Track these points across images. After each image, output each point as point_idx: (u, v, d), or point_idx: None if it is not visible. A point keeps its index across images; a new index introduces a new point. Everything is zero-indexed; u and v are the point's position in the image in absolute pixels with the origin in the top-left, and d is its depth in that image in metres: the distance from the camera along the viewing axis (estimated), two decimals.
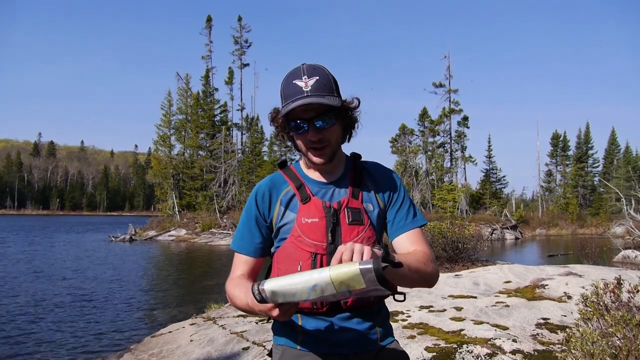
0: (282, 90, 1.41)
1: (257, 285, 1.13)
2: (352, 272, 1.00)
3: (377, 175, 1.55)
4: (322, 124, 1.39)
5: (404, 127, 46.88)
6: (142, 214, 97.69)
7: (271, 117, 1.50)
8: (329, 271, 1.03)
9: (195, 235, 32.68)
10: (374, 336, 1.46)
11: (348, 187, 1.49)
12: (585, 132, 53.83)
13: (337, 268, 1.03)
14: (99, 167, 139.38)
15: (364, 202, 1.47)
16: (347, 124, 1.49)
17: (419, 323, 5.13)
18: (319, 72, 1.39)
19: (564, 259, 17.69)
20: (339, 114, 1.43)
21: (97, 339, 7.38)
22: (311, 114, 1.37)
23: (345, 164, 1.55)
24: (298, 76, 1.38)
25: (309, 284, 1.06)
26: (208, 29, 47.85)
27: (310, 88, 1.35)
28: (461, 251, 11.24)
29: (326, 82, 1.39)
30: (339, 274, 1.01)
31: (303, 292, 1.07)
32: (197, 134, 44.76)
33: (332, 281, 1.02)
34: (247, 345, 4.98)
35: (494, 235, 32.35)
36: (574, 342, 2.80)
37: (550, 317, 5.19)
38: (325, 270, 1.04)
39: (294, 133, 1.44)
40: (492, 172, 50.64)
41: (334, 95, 1.40)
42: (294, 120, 1.40)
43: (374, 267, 0.98)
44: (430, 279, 1.38)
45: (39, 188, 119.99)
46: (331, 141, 1.43)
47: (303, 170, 1.54)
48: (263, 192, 1.51)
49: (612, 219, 37.99)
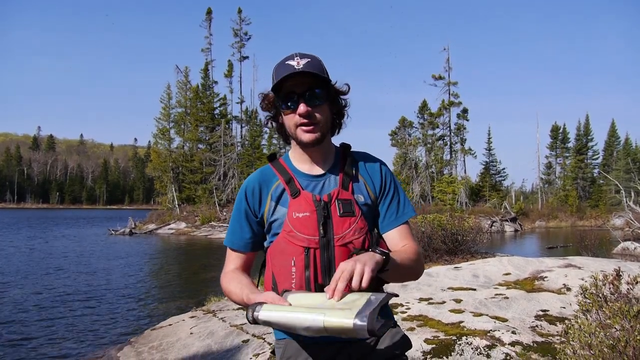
0: (274, 72, 1.42)
1: (253, 312, 1.13)
2: (345, 327, 1.00)
3: (366, 166, 1.54)
4: (312, 99, 1.39)
5: (403, 120, 46.85)
6: (141, 207, 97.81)
7: (261, 99, 1.50)
8: (324, 318, 1.02)
9: (195, 228, 32.73)
10: None
11: (338, 179, 1.48)
12: (585, 124, 53.73)
13: (331, 316, 1.02)
14: (99, 160, 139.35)
15: (354, 193, 1.47)
16: (336, 110, 1.49)
17: (418, 315, 5.14)
18: (311, 56, 1.41)
19: (564, 251, 17.73)
20: (328, 97, 1.44)
21: (97, 331, 7.41)
22: (301, 89, 1.38)
23: (335, 155, 1.55)
24: (290, 58, 1.39)
25: (302, 325, 1.06)
26: (208, 22, 47.62)
27: (302, 66, 1.36)
28: (461, 243, 11.25)
29: (318, 63, 1.41)
30: (333, 325, 1.01)
31: (295, 329, 1.08)
32: (196, 127, 44.68)
33: (325, 328, 1.02)
34: (247, 337, 4.99)
35: (493, 227, 32.36)
36: (573, 333, 2.81)
37: (549, 309, 5.20)
38: (320, 317, 1.03)
39: (283, 109, 1.43)
40: (492, 164, 50.66)
41: (325, 76, 1.41)
42: (284, 95, 1.40)
43: (367, 328, 0.98)
44: (418, 273, 1.48)
45: (39, 182, 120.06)
46: (320, 121, 1.42)
47: (292, 163, 1.53)
48: (253, 187, 1.51)
49: (611, 210, 37.96)
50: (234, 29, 47.21)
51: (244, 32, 47.60)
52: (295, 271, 1.37)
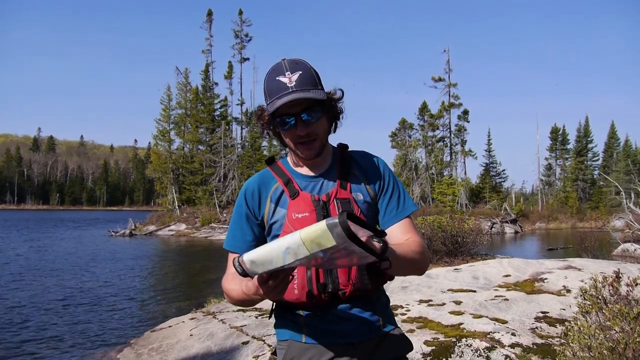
0: (266, 87, 1.41)
1: (238, 258, 1.16)
2: (320, 229, 1.02)
3: (364, 164, 1.55)
4: (309, 118, 1.39)
5: (404, 122, 46.86)
6: (142, 208, 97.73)
7: (257, 115, 1.50)
8: (300, 232, 1.06)
9: (195, 230, 32.73)
10: (376, 323, 1.47)
11: (336, 179, 1.50)
12: (584, 125, 53.76)
13: (307, 228, 1.06)
14: (99, 161, 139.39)
15: (352, 192, 1.47)
16: (333, 115, 1.50)
17: (418, 317, 5.14)
18: (302, 67, 1.39)
19: (564, 253, 17.71)
20: (324, 107, 1.43)
21: (96, 333, 7.40)
22: (297, 108, 1.37)
23: (333, 155, 1.56)
24: (281, 72, 1.37)
25: (282, 248, 1.08)
26: (208, 23, 47.67)
27: (294, 83, 1.35)
28: (461, 245, 11.26)
29: (309, 76, 1.39)
30: (309, 233, 1.04)
31: (278, 258, 1.09)
32: (196, 129, 44.71)
33: (302, 241, 1.04)
34: (246, 339, 4.99)
35: (493, 229, 32.36)
36: (573, 335, 2.81)
37: (549, 311, 5.20)
38: (297, 232, 1.07)
39: (280, 129, 1.44)
40: (492, 166, 50.70)
41: (318, 88, 1.40)
42: (280, 116, 1.40)
43: (339, 220, 1.00)
44: (423, 267, 1.44)
45: (39, 183, 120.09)
46: (319, 134, 1.44)
47: (290, 165, 1.55)
48: (252, 190, 1.52)
49: (611, 212, 37.89)
50: (234, 30, 47.26)
51: (245, 33, 47.65)
52: (297, 272, 1.38)
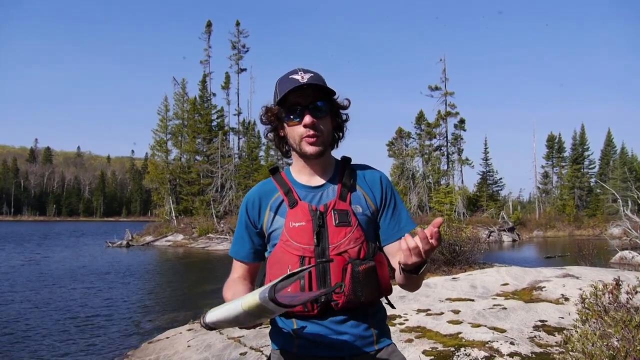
0: (278, 86, 1.47)
1: (202, 319, 1.26)
2: (254, 303, 1.09)
3: (366, 177, 1.57)
4: (317, 110, 1.44)
5: (400, 131, 46.95)
6: (139, 219, 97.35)
7: (263, 112, 1.54)
8: (241, 302, 1.13)
9: (192, 240, 32.57)
10: (369, 339, 1.46)
11: (336, 190, 1.52)
12: (580, 133, 54.01)
13: (246, 299, 1.13)
14: (96, 172, 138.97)
15: (352, 204, 1.49)
16: (337, 125, 1.54)
17: (416, 327, 5.12)
18: (314, 72, 1.48)
19: (561, 261, 17.69)
20: (331, 109, 1.49)
21: (93, 344, 7.33)
22: (307, 100, 1.43)
23: (335, 167, 1.58)
24: (294, 73, 1.45)
25: (233, 314, 1.16)
26: (207, 34, 47.82)
27: (306, 80, 1.41)
28: (458, 254, 11.24)
29: (321, 78, 1.47)
30: (248, 304, 1.11)
31: (240, 319, 1.17)
32: (193, 139, 44.68)
33: (243, 310, 1.12)
34: (244, 350, 4.95)
35: (491, 237, 32.37)
36: (572, 343, 2.79)
37: (548, 319, 5.18)
38: (239, 302, 1.14)
39: (288, 121, 1.47)
40: (489, 174, 50.76)
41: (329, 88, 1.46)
42: (289, 107, 1.45)
43: (268, 297, 1.05)
44: (420, 285, 1.48)
45: (36, 194, 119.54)
46: (324, 132, 1.47)
47: (292, 176, 1.57)
48: (253, 200, 1.56)
49: (609, 220, 38.00)
50: (232, 41, 47.41)
51: (242, 44, 47.87)
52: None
